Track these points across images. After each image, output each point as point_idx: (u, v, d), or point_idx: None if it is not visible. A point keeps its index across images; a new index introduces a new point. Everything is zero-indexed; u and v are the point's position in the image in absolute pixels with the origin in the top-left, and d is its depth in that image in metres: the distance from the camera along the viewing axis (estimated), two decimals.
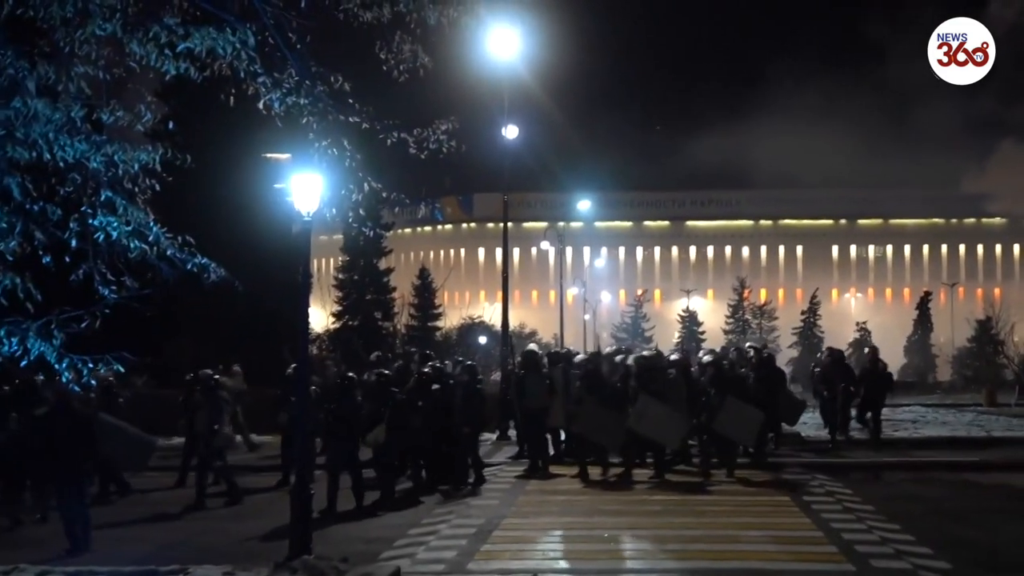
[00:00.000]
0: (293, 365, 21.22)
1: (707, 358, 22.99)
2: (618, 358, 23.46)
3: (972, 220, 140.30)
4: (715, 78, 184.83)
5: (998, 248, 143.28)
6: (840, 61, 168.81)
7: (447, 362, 23.41)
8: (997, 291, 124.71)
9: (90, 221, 11.21)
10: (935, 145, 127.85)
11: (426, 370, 20.94)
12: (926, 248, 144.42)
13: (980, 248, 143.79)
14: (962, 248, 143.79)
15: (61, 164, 10.96)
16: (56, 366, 10.82)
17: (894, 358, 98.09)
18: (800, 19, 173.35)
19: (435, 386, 20.17)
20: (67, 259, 11.49)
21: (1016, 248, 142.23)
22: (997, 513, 16.94)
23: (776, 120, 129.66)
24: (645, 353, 23.98)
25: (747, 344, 26.26)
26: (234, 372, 24.83)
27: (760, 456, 21.75)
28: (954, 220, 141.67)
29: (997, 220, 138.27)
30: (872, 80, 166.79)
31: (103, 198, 11.29)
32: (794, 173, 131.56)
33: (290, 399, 20.92)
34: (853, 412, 25.22)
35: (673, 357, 24.43)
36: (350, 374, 19.52)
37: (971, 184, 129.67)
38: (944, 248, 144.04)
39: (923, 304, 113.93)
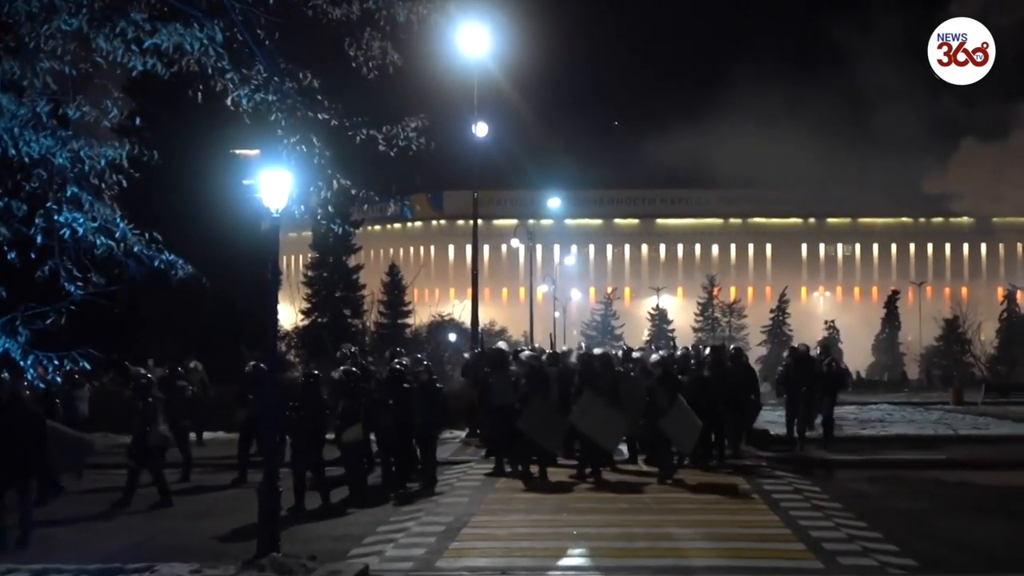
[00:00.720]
0: (251, 363, 21.24)
1: (654, 358, 22.61)
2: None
3: (940, 219, 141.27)
4: (684, 77, 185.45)
5: (966, 247, 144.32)
6: (804, 62, 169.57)
7: (406, 360, 23.08)
8: (964, 290, 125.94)
9: (56, 217, 11.16)
10: (898, 146, 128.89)
11: (397, 366, 20.75)
12: (894, 247, 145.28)
13: (948, 247, 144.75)
14: (930, 247, 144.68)
15: (26, 159, 10.89)
16: (21, 363, 10.75)
17: (862, 356, 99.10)
18: (763, 21, 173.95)
19: (405, 384, 20.03)
20: (32, 255, 11.42)
21: (983, 247, 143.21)
22: (964, 511, 17.05)
23: (746, 120, 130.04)
24: (596, 351, 23.78)
25: (732, 346, 26.12)
26: (192, 369, 24.57)
27: (734, 455, 21.99)
28: (922, 219, 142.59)
29: (965, 219, 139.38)
30: (836, 82, 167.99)
31: (69, 194, 11.23)
32: (763, 172, 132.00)
33: (248, 396, 20.88)
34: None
35: (635, 355, 24.39)
36: (315, 372, 19.36)
37: (932, 184, 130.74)
38: (912, 247, 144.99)
39: (891, 303, 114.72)
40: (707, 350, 24.99)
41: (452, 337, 64.25)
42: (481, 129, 32.19)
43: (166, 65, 11.12)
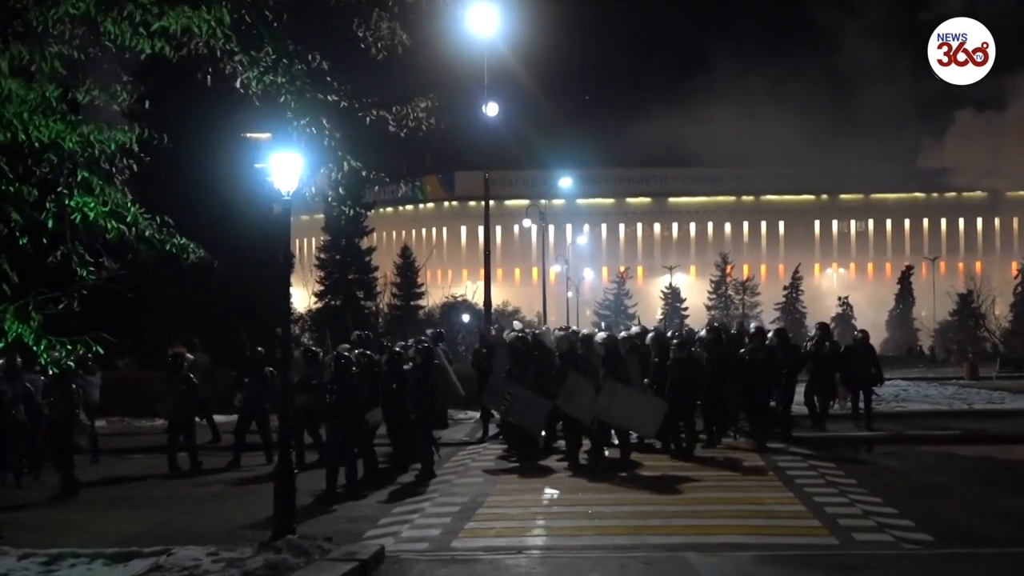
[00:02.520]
0: (253, 347, 21.32)
1: (600, 336, 21.58)
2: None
3: (953, 194, 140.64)
4: (697, 55, 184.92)
5: (979, 222, 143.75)
6: (789, 44, 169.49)
7: (410, 341, 22.63)
8: (978, 265, 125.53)
9: (67, 202, 11.15)
10: (898, 121, 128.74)
11: (396, 349, 20.67)
12: (907, 222, 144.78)
13: (961, 222, 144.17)
14: (943, 222, 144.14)
15: (36, 144, 10.88)
16: (34, 348, 10.76)
17: (876, 332, 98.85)
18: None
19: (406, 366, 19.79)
20: (44, 240, 11.42)
21: (996, 222, 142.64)
22: (978, 486, 17.03)
23: (756, 97, 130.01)
24: (585, 331, 22.86)
25: (753, 324, 25.60)
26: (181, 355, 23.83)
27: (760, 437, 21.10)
28: (935, 194, 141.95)
29: (978, 194, 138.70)
30: (831, 62, 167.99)
31: (80, 179, 11.23)
32: (776, 149, 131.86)
33: (244, 381, 20.91)
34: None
35: (619, 332, 23.72)
36: (346, 354, 19.25)
37: (927, 159, 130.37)
38: (925, 222, 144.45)
39: (904, 278, 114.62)
40: (703, 330, 24.44)
41: (465, 318, 64.38)
42: (492, 109, 32.09)
43: (174, 48, 11.10)
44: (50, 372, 15.59)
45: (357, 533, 14.10)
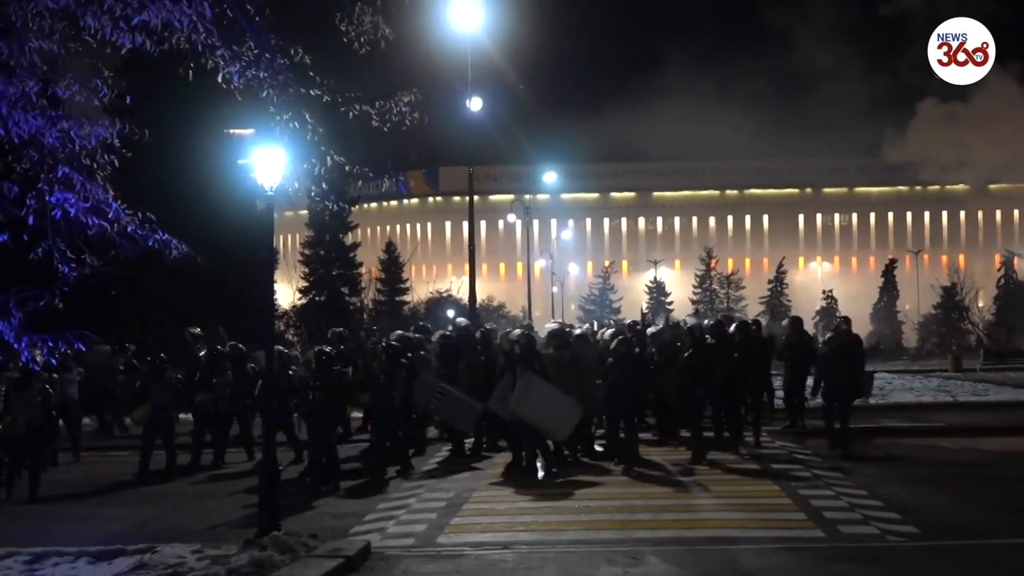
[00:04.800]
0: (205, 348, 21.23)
1: (515, 333, 20.14)
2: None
3: (936, 187, 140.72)
4: (680, 50, 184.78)
5: (962, 215, 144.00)
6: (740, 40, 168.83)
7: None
8: (961, 258, 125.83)
9: (48, 198, 11.06)
10: (873, 112, 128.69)
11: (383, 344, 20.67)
12: (891, 216, 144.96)
13: (944, 215, 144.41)
14: (927, 215, 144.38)
15: (16, 140, 10.80)
16: (15, 345, 10.69)
17: (860, 325, 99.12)
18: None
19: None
20: (25, 237, 11.35)
21: (980, 215, 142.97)
22: (963, 477, 17.06)
23: (743, 92, 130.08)
24: (550, 326, 21.91)
25: (686, 320, 24.45)
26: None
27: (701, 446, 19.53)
28: (918, 188, 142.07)
29: (961, 187, 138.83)
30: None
31: (60, 175, 11.14)
32: (759, 144, 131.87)
33: (212, 381, 20.61)
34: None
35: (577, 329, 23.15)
36: (327, 349, 19.18)
37: (892, 152, 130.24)
38: (909, 216, 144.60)
39: (888, 271, 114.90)
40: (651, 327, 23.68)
41: (451, 313, 64.30)
42: (475, 104, 32.08)
43: (156, 43, 11.00)
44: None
45: (343, 529, 14.06)
